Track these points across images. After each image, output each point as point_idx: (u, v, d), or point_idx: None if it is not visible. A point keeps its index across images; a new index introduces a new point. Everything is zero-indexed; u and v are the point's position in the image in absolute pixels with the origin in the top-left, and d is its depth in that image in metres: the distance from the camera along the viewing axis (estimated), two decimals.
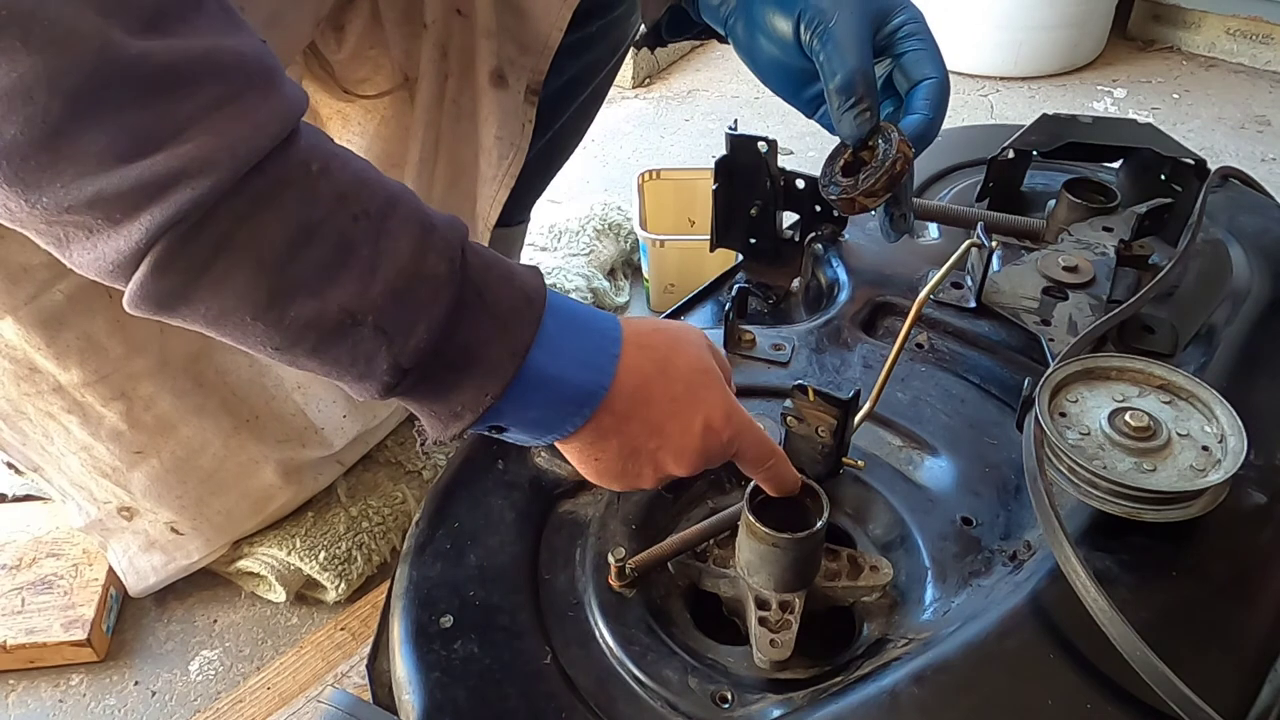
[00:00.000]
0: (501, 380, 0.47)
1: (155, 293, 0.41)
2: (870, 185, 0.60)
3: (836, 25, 0.57)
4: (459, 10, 0.82)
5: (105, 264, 0.40)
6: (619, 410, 0.51)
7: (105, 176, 0.38)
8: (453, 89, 0.86)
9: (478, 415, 0.48)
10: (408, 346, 0.45)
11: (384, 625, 0.63)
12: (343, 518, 0.92)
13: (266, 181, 0.41)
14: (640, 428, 0.52)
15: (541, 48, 0.83)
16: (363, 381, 0.46)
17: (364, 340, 0.44)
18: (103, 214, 0.39)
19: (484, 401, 0.48)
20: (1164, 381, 0.63)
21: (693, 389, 0.53)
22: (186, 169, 0.38)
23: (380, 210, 0.44)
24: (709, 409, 0.53)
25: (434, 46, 0.83)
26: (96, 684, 0.86)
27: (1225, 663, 0.54)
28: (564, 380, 0.49)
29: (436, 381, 0.47)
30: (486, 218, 0.89)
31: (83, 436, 0.79)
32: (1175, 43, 2.21)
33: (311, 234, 0.42)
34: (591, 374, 0.50)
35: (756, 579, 0.59)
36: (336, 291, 0.43)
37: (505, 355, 0.47)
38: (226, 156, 0.39)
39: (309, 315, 0.43)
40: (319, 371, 0.47)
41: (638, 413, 0.52)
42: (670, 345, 0.53)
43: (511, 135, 0.86)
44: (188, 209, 0.39)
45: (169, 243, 0.39)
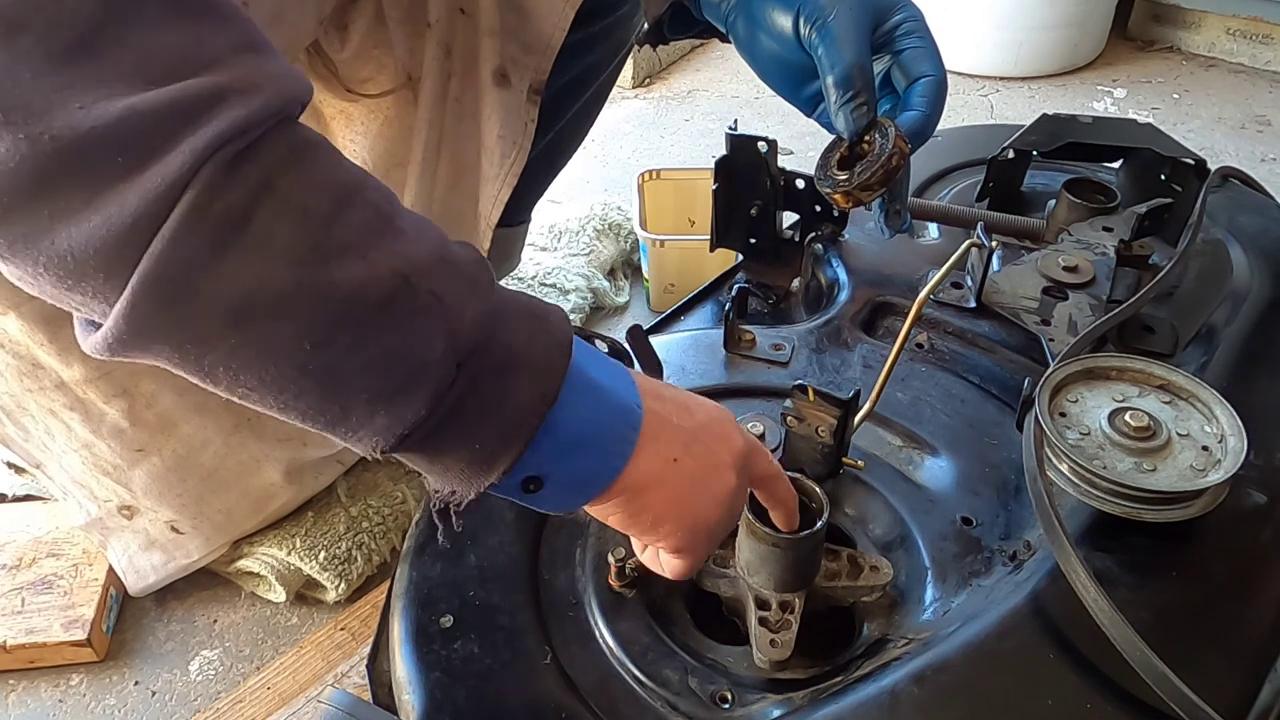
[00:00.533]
0: (554, 375, 0.42)
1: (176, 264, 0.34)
2: (866, 179, 0.60)
3: (835, 20, 0.57)
4: (462, 9, 0.82)
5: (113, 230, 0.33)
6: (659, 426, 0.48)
7: (137, 96, 0.33)
8: (455, 88, 0.86)
9: (533, 431, 0.42)
10: (465, 319, 0.40)
11: (384, 625, 0.63)
12: (343, 517, 0.92)
13: (299, 138, 0.37)
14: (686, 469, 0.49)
15: (544, 47, 0.83)
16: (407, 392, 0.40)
17: (417, 315, 0.39)
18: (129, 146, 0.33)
19: (538, 409, 0.42)
20: (1164, 381, 0.63)
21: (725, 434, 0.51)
22: (232, 86, 0.34)
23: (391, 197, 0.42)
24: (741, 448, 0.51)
25: (437, 45, 0.83)
26: (96, 684, 0.86)
27: (1225, 663, 0.54)
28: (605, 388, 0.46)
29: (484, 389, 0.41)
30: (489, 217, 0.89)
31: (84, 434, 0.79)
32: (1175, 43, 2.21)
33: (353, 194, 0.38)
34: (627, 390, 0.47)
35: (756, 579, 0.59)
36: (385, 254, 0.38)
37: (551, 346, 0.43)
38: (272, 85, 0.36)
39: (358, 279, 0.37)
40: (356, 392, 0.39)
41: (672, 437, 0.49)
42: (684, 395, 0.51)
43: (514, 135, 0.86)
44: (238, 128, 0.34)
45: (211, 174, 0.34)
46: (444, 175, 0.89)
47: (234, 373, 0.38)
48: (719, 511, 0.51)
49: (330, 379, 0.39)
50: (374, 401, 0.40)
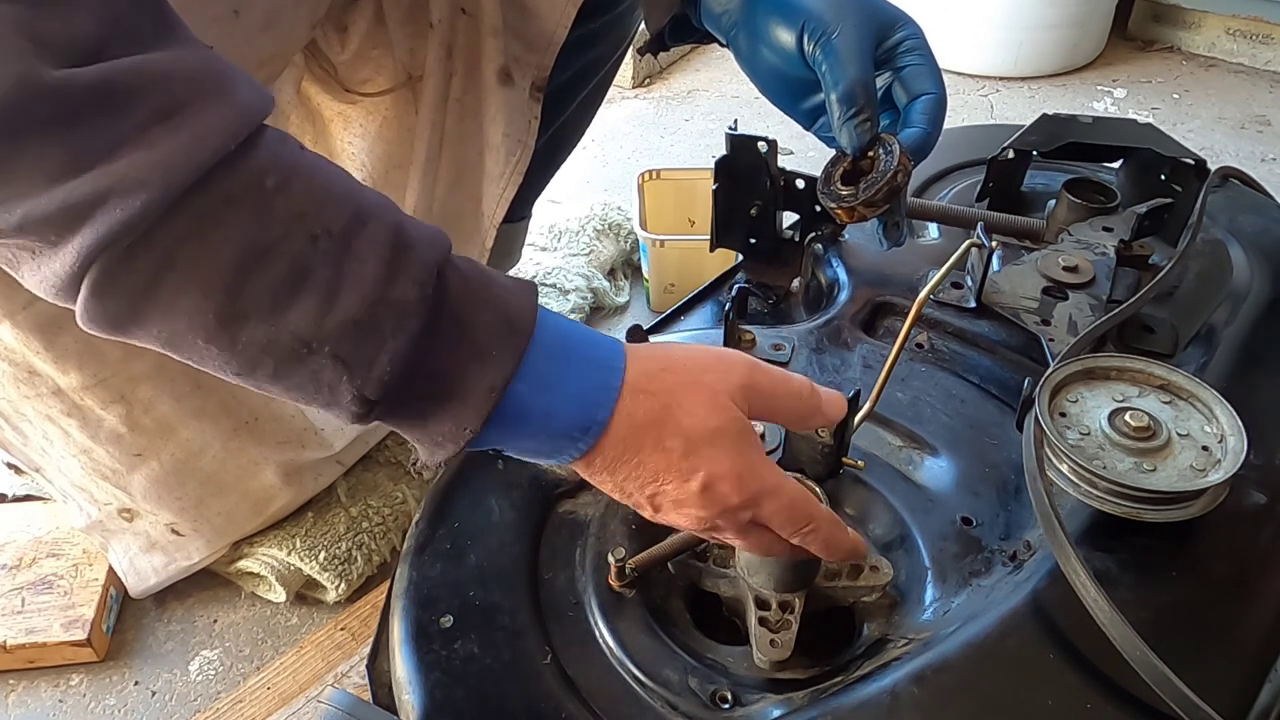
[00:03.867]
0: (479, 415, 0.44)
1: (101, 314, 0.39)
2: (870, 195, 0.60)
3: (839, 36, 0.57)
4: (464, 10, 0.82)
5: (50, 285, 0.39)
6: (608, 455, 0.47)
7: (35, 199, 0.36)
8: (457, 88, 0.86)
9: (459, 446, 0.45)
10: (370, 377, 0.42)
11: (384, 625, 0.63)
12: (343, 518, 0.92)
13: (210, 200, 0.38)
14: (630, 476, 0.48)
15: (547, 44, 0.83)
16: (331, 409, 0.44)
17: (323, 370, 0.42)
18: (37, 236, 0.37)
19: (463, 435, 0.45)
20: (1164, 381, 0.63)
21: (693, 446, 0.47)
22: (114, 188, 0.36)
23: (346, 229, 0.41)
24: (711, 470, 0.48)
25: (439, 46, 0.83)
26: (96, 684, 0.86)
27: (1225, 663, 0.54)
28: (552, 415, 0.46)
29: (410, 410, 0.45)
30: (493, 215, 0.89)
31: (82, 439, 0.79)
32: (1175, 43, 2.21)
33: (263, 256, 0.40)
34: (586, 410, 0.46)
35: (756, 579, 0.59)
36: (290, 318, 0.40)
37: (483, 389, 0.44)
38: (159, 174, 0.37)
39: (261, 341, 0.41)
40: (288, 398, 0.44)
41: (626, 460, 0.48)
42: (676, 391, 0.48)
43: (519, 133, 0.86)
44: (118, 230, 0.37)
45: (105, 264, 0.38)
46: (445, 175, 0.89)
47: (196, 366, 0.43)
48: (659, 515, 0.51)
49: (263, 390, 0.44)
50: (311, 405, 0.44)
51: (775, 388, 0.51)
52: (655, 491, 0.49)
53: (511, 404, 0.45)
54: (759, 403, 0.50)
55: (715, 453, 0.48)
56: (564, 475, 0.69)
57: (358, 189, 0.44)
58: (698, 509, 0.49)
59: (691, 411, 0.48)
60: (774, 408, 0.52)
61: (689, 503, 0.49)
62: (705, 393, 0.48)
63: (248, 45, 0.65)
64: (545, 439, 0.47)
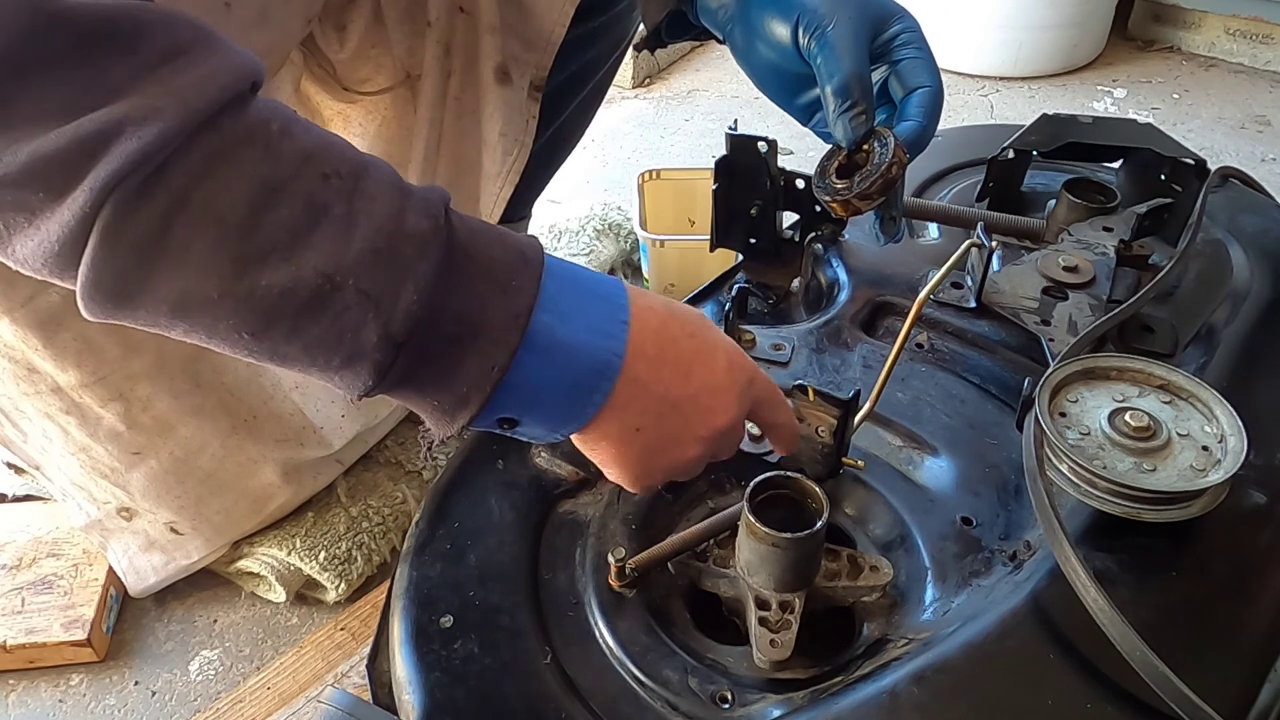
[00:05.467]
0: (507, 348, 0.43)
1: (110, 274, 0.38)
2: (866, 188, 0.60)
3: (834, 30, 0.57)
4: (461, 8, 0.82)
5: (50, 247, 0.37)
6: (648, 357, 0.48)
7: (44, 135, 0.35)
8: (455, 86, 0.86)
9: (486, 395, 0.44)
10: (397, 311, 0.41)
11: (384, 625, 0.63)
12: (343, 518, 0.92)
13: (221, 138, 0.38)
14: (671, 371, 0.49)
15: (545, 44, 0.83)
16: (353, 366, 0.42)
17: (348, 309, 0.40)
18: (42, 183, 0.35)
19: (491, 376, 0.43)
20: (1164, 381, 0.63)
21: (704, 328, 0.52)
22: (130, 116, 0.35)
23: (352, 171, 0.41)
24: (725, 345, 0.52)
25: (437, 44, 0.83)
26: (96, 684, 0.86)
27: (1225, 663, 0.54)
28: (577, 346, 0.46)
29: (434, 359, 0.43)
30: (490, 214, 0.89)
31: (81, 437, 0.79)
32: (1175, 43, 2.21)
33: (277, 192, 0.39)
34: (604, 339, 0.47)
35: (756, 579, 0.59)
36: (311, 254, 0.39)
37: (507, 319, 0.43)
38: (174, 104, 0.36)
39: (283, 283, 0.39)
40: (305, 363, 0.43)
41: (664, 354, 0.49)
42: (665, 301, 0.52)
43: (516, 132, 0.86)
44: (135, 159, 0.35)
45: (117, 204, 0.36)
46: (444, 174, 0.89)
47: (200, 342, 0.42)
48: (669, 473, 0.54)
49: (277, 355, 0.42)
50: (326, 370, 0.43)
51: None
52: (695, 388, 0.50)
53: (538, 334, 0.44)
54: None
55: (718, 334, 0.53)
56: (564, 475, 0.69)
57: (353, 146, 0.44)
58: (730, 390, 0.52)
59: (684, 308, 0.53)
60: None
61: (723, 385, 0.51)
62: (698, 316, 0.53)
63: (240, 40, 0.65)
64: (570, 382, 0.46)
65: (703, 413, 0.52)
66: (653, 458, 0.52)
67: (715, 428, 0.53)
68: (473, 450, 0.71)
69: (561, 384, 0.46)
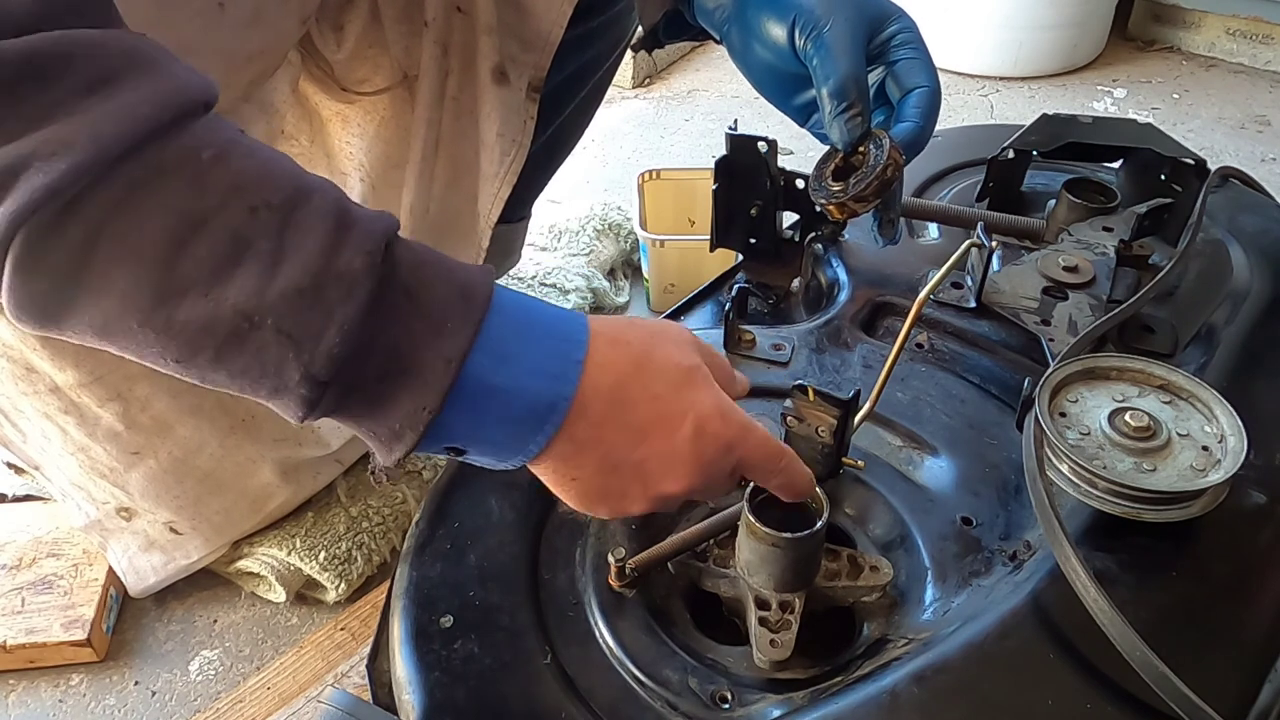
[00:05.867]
0: (438, 391, 0.42)
1: (29, 299, 0.38)
2: (861, 190, 0.60)
3: (830, 30, 0.56)
4: (459, 8, 0.82)
5: None
6: (594, 416, 0.46)
7: None
8: (453, 86, 0.86)
9: (419, 434, 0.43)
10: (319, 352, 0.40)
11: (384, 625, 0.63)
12: (343, 518, 0.92)
13: (143, 168, 0.37)
14: (620, 434, 0.47)
15: (543, 44, 0.83)
16: (281, 397, 0.42)
17: (267, 347, 0.40)
18: None
19: (423, 417, 0.42)
20: (1164, 381, 0.63)
21: (677, 387, 0.48)
22: (37, 152, 0.35)
23: (286, 202, 0.40)
24: (699, 409, 0.48)
25: (435, 44, 0.83)
26: (96, 684, 0.86)
27: (1225, 663, 0.54)
28: (517, 390, 0.44)
29: (364, 395, 0.42)
30: (488, 215, 0.89)
31: (80, 437, 0.79)
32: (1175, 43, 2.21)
33: (199, 226, 0.38)
34: (550, 382, 0.45)
35: (756, 579, 0.59)
36: (230, 291, 0.39)
37: (439, 361, 0.42)
38: (87, 138, 0.35)
39: (201, 319, 0.39)
40: (235, 389, 0.42)
41: (616, 416, 0.46)
42: (648, 340, 0.48)
43: (513, 132, 0.86)
44: (41, 196, 0.35)
45: (28, 236, 0.36)
46: (442, 174, 0.89)
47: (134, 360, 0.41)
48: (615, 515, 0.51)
49: (206, 381, 0.42)
50: (257, 397, 0.42)
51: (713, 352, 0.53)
52: (645, 454, 0.48)
53: (471, 379, 0.43)
54: (707, 358, 0.51)
55: (698, 392, 0.48)
56: None
57: (300, 171, 0.42)
58: (689, 459, 0.48)
59: (666, 353, 0.48)
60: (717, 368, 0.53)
61: (681, 453, 0.48)
62: (672, 341, 0.49)
63: (233, 40, 0.65)
64: (510, 422, 0.45)
65: (649, 478, 0.49)
66: (593, 503, 0.51)
67: (663, 494, 0.50)
68: None
69: (500, 425, 0.45)
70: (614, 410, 0.46)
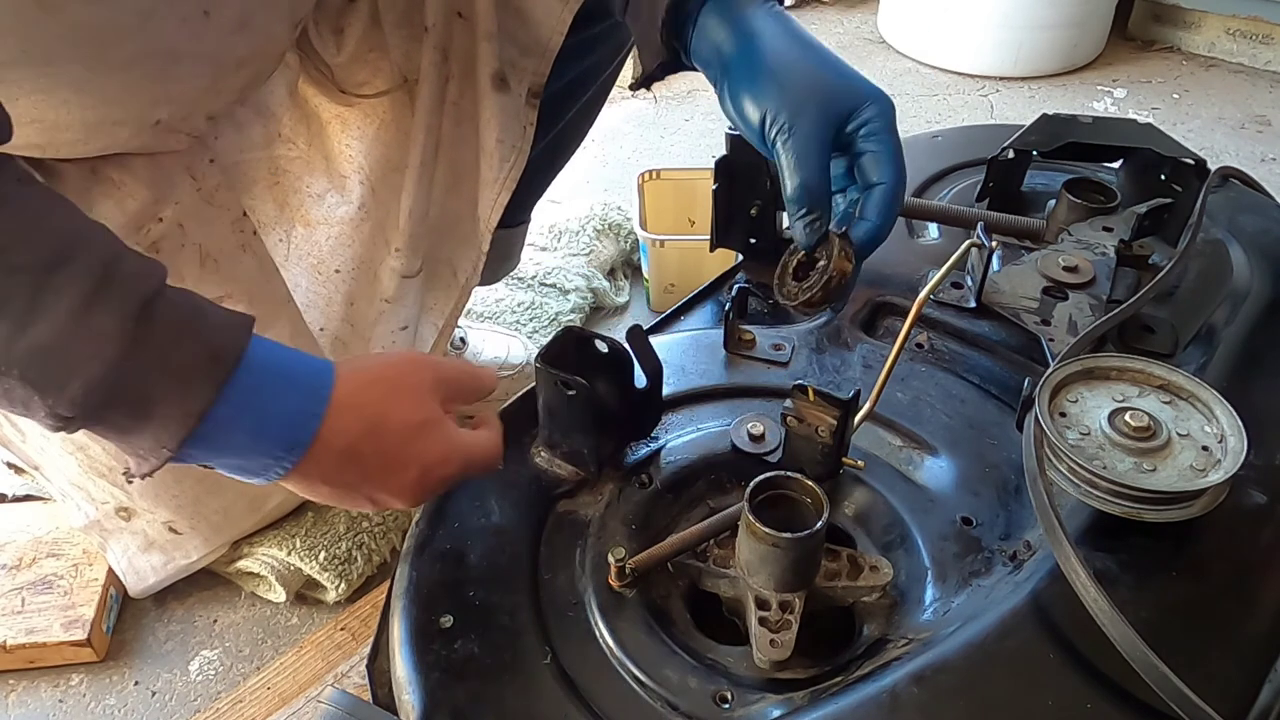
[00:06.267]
0: (177, 437, 0.47)
1: None
2: (809, 296, 0.59)
3: (796, 133, 0.56)
4: (459, 13, 0.82)
5: None
6: (325, 465, 0.52)
7: None
8: (453, 92, 0.86)
9: (160, 463, 0.48)
10: (62, 399, 0.44)
11: (384, 625, 0.63)
12: (343, 518, 0.92)
13: None
14: (350, 477, 0.53)
15: (543, 50, 0.83)
16: (35, 416, 0.45)
17: (13, 390, 0.44)
18: None
19: (161, 454, 0.47)
20: (1164, 381, 0.63)
21: (406, 444, 0.54)
22: None
23: (48, 262, 0.43)
24: (425, 459, 0.54)
25: (435, 49, 0.83)
26: (96, 684, 0.86)
27: (1225, 663, 0.54)
28: (258, 436, 0.49)
29: (110, 425, 0.47)
30: (488, 220, 0.89)
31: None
32: (1175, 43, 2.21)
33: None
34: (290, 432, 0.50)
35: (756, 579, 0.59)
36: None
37: (180, 415, 0.46)
38: None
39: None
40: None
41: (346, 468, 0.52)
42: (386, 398, 0.54)
43: (513, 139, 0.86)
44: None
45: None
46: (442, 179, 0.89)
47: None
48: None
49: None
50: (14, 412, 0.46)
51: (457, 375, 0.59)
52: (373, 491, 0.54)
53: (211, 426, 0.47)
54: (448, 390, 0.57)
55: (425, 444, 0.54)
56: (564, 475, 0.69)
57: (74, 226, 0.46)
58: (415, 492, 0.55)
59: (401, 412, 0.54)
60: (460, 391, 0.59)
61: (407, 490, 0.55)
62: (410, 393, 0.55)
63: (221, 46, 0.65)
64: (250, 458, 0.50)
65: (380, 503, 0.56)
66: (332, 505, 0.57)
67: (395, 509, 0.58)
68: None
69: (240, 460, 0.50)
70: (346, 463, 0.52)
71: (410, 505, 0.57)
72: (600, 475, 0.69)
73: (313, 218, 0.87)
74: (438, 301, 0.96)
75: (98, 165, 0.69)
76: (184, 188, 0.73)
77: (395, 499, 0.55)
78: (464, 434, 0.58)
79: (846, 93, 0.56)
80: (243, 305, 0.77)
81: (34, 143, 0.64)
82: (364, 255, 0.88)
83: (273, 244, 0.85)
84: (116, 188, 0.70)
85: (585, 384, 0.63)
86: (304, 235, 0.87)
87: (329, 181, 0.87)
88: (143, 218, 0.71)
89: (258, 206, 0.85)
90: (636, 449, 0.71)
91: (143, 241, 0.71)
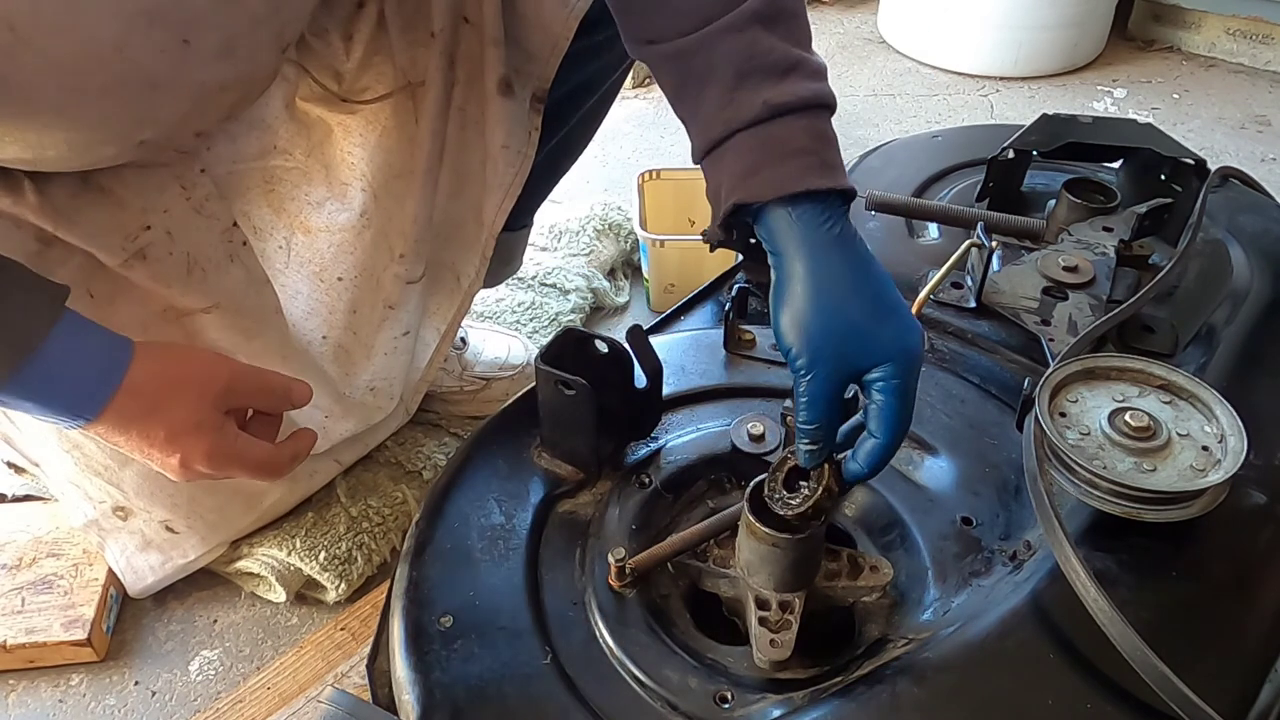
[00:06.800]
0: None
1: None
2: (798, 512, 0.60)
3: (811, 380, 0.58)
4: (466, 18, 0.82)
5: None
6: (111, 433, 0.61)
7: None
8: (459, 97, 0.85)
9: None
10: None
11: (384, 625, 0.63)
12: (343, 518, 0.92)
13: None
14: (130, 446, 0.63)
15: (548, 56, 0.83)
16: None
17: None
18: None
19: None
20: (1164, 381, 0.63)
21: (174, 437, 0.63)
22: None
23: None
24: (186, 453, 0.63)
25: (441, 55, 0.82)
26: (96, 684, 0.86)
27: (1225, 663, 0.54)
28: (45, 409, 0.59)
29: None
30: (492, 225, 0.89)
31: (73, 434, 0.79)
32: (1175, 43, 2.21)
33: None
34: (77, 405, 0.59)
35: (756, 579, 0.59)
36: None
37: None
38: None
39: None
40: None
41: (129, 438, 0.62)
42: (167, 392, 0.62)
43: (518, 144, 0.86)
44: None
45: None
46: (446, 184, 0.89)
47: None
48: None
49: None
50: None
51: (251, 385, 0.67)
52: (151, 463, 0.65)
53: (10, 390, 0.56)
54: (238, 399, 0.66)
55: (192, 440, 0.63)
56: (564, 475, 0.69)
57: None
58: (184, 476, 0.65)
59: (173, 410, 0.62)
60: (253, 400, 0.67)
61: (176, 472, 0.64)
62: (190, 396, 0.63)
63: (204, 73, 0.65)
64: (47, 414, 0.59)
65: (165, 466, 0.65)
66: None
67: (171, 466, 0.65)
68: (473, 450, 0.71)
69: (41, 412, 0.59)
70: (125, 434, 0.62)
71: (182, 481, 0.66)
72: (600, 475, 0.69)
73: (312, 225, 0.86)
74: (440, 306, 0.96)
75: (88, 174, 0.69)
76: (173, 197, 0.73)
77: (168, 474, 0.65)
78: (240, 441, 0.65)
79: (865, 354, 0.58)
80: (230, 315, 0.78)
81: (21, 158, 0.64)
82: (366, 262, 0.88)
83: (272, 250, 0.85)
84: (105, 195, 0.70)
85: (585, 384, 0.63)
86: (304, 242, 0.87)
87: (328, 190, 0.87)
88: (131, 225, 0.71)
89: (254, 213, 0.85)
90: (636, 449, 0.71)
91: (130, 249, 0.71)
